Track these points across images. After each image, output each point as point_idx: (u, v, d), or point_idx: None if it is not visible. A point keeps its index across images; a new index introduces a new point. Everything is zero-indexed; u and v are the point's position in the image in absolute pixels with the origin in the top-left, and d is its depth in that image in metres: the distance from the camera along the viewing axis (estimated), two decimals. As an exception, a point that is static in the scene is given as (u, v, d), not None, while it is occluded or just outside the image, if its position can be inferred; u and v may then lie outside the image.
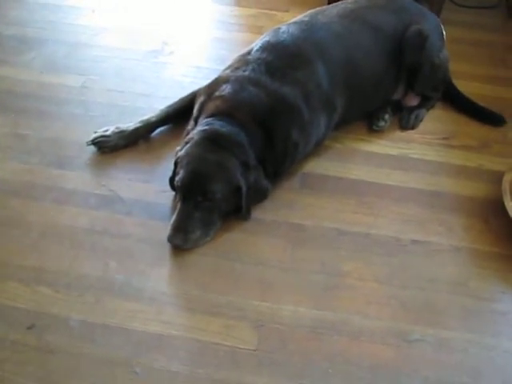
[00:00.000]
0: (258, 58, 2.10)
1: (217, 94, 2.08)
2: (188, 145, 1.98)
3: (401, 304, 1.84)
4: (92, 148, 2.26)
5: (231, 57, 2.67)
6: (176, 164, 2.00)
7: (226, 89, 2.06)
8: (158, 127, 2.32)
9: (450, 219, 2.10)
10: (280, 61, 2.09)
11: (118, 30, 2.94)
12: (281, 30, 2.19)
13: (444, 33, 2.48)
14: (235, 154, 1.94)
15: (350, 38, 2.23)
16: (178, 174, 1.96)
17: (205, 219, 1.94)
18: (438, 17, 2.85)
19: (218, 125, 1.98)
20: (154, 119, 2.30)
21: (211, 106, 2.07)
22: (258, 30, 2.91)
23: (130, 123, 2.30)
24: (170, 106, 2.34)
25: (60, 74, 2.63)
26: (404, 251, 1.99)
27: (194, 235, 1.93)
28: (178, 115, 2.33)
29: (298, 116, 2.07)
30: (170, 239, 1.91)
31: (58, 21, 2.99)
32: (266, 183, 2.05)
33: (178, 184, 1.95)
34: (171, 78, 2.64)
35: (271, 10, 3.14)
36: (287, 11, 3.11)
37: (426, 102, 2.48)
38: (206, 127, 1.99)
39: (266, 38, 2.18)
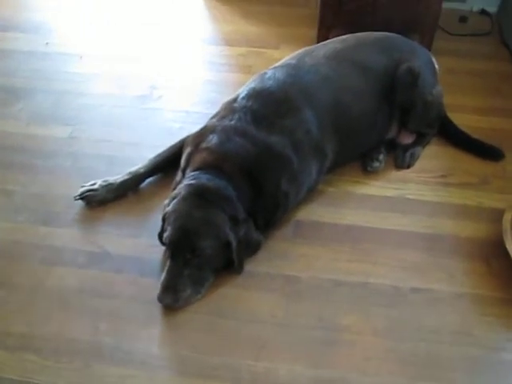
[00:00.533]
0: (244, 107, 2.05)
1: (203, 145, 2.02)
2: (175, 200, 1.93)
3: (401, 358, 1.76)
4: (80, 202, 2.20)
5: (221, 99, 2.62)
6: (164, 220, 1.94)
7: (212, 140, 2.01)
8: (146, 178, 2.27)
9: (450, 264, 2.03)
10: (266, 109, 2.04)
11: (106, 75, 2.90)
12: (266, 76, 2.15)
13: (437, 67, 2.43)
14: (223, 209, 1.88)
15: (339, 81, 2.18)
16: (166, 230, 1.90)
17: (195, 276, 1.87)
18: (430, 47, 2.82)
19: (205, 178, 1.93)
20: (142, 170, 2.24)
21: (198, 158, 2.01)
22: (248, 70, 2.87)
23: (118, 175, 2.24)
24: (158, 156, 2.29)
25: (47, 125, 2.59)
26: (403, 301, 1.92)
27: (184, 293, 1.86)
28: (167, 164, 2.28)
29: (287, 165, 2.01)
30: (160, 299, 1.84)
31: (45, 69, 2.95)
32: (257, 235, 1.99)
33: (166, 241, 1.89)
34: (160, 124, 2.59)
35: (261, 47, 3.09)
36: (277, 48, 3.06)
37: (421, 139, 2.41)
38: (193, 181, 1.93)
39: (252, 85, 2.13)
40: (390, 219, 2.17)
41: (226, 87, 2.78)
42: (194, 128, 2.45)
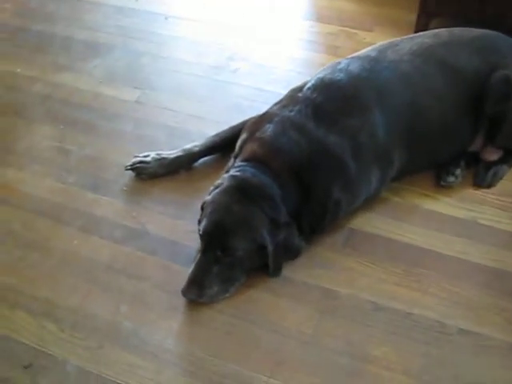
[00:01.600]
0: (308, 98, 1.88)
1: (258, 134, 1.88)
2: (216, 190, 1.81)
3: (431, 408, 1.58)
4: (130, 173, 2.15)
5: (298, 80, 2.45)
6: (202, 208, 1.84)
7: (267, 130, 1.86)
8: (201, 157, 2.17)
9: (509, 307, 1.78)
10: (331, 104, 1.86)
11: (187, 40, 2.80)
12: (339, 67, 1.94)
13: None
14: (264, 209, 1.74)
15: (419, 81, 1.93)
16: (202, 220, 1.80)
17: (225, 275, 1.77)
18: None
19: (250, 173, 1.79)
20: (197, 149, 2.14)
21: (249, 148, 1.88)
22: (335, 51, 2.66)
23: (174, 150, 2.17)
24: (216, 136, 2.17)
25: (117, 86, 2.55)
26: (447, 341, 1.71)
27: (210, 290, 1.76)
28: (224, 146, 2.16)
29: (342, 171, 1.83)
30: (184, 292, 1.76)
31: (129, 26, 2.90)
32: (298, 241, 1.84)
33: (200, 233, 1.79)
34: (230, 99, 2.46)
35: (353, 28, 2.84)
36: (371, 31, 2.80)
37: (508, 158, 2.11)
38: (238, 173, 1.81)
39: (322, 75, 1.94)
40: (455, 244, 1.94)
41: (308, 68, 2.59)
42: (264, 108, 2.30)
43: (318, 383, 1.63)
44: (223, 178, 1.85)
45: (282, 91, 2.43)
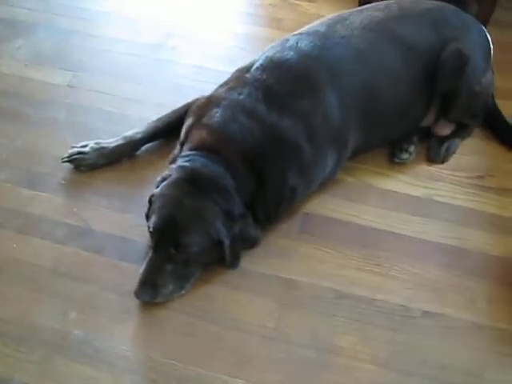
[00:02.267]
0: (257, 80, 1.76)
1: (205, 120, 1.75)
2: (164, 182, 1.69)
3: (399, 395, 1.55)
4: (68, 165, 1.98)
5: (241, 56, 2.36)
6: (150, 202, 1.71)
7: (215, 115, 1.73)
8: (143, 145, 2.02)
9: (472, 286, 1.76)
10: (282, 85, 1.75)
11: (118, 16, 2.59)
12: (288, 44, 1.83)
13: (491, 47, 2.07)
14: (217, 201, 1.64)
15: (373, 58, 1.85)
16: (151, 216, 1.67)
17: (179, 272, 1.66)
18: (488, 20, 2.41)
19: (200, 163, 1.67)
20: (139, 136, 1.99)
21: (196, 136, 1.75)
22: (277, 24, 2.54)
23: (113, 138, 2.00)
24: (158, 120, 2.02)
25: (46, 69, 2.33)
26: (412, 325, 1.68)
27: (165, 289, 1.65)
28: (168, 131, 2.02)
29: (297, 156, 1.74)
30: (137, 294, 1.64)
31: (51, 1, 2.64)
32: (254, 232, 1.75)
33: (150, 230, 1.67)
34: (169, 79, 2.30)
35: (295, -1, 2.73)
36: (313, 1, 2.66)
37: (460, 131, 2.08)
38: (187, 164, 1.69)
39: (270, 53, 1.82)
40: (413, 224, 1.90)
41: (250, 43, 2.47)
42: (207, 88, 2.17)
43: (285, 380, 1.57)
44: (171, 169, 1.72)
45: (224, 69, 2.30)
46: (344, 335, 1.65)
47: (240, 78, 1.81)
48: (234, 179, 1.67)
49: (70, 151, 1.98)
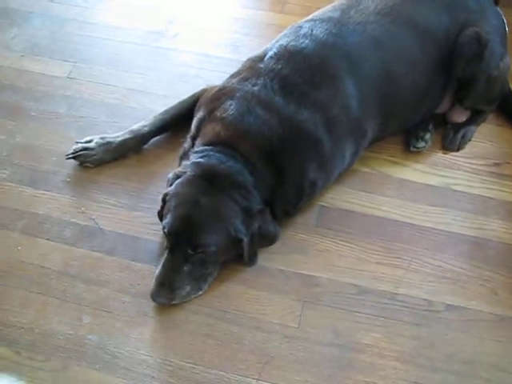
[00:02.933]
0: (272, 70, 1.69)
1: (218, 113, 1.68)
2: (179, 180, 1.62)
3: (426, 393, 1.52)
4: (72, 161, 1.90)
5: (245, 43, 2.29)
6: (164, 201, 1.64)
7: (229, 108, 1.66)
8: (151, 138, 1.94)
9: (494, 278, 1.73)
10: (298, 76, 1.68)
11: (116, 2, 2.48)
12: (302, 32, 1.75)
13: (507, 30, 2.01)
14: (235, 199, 1.58)
15: (390, 45, 1.78)
16: (166, 216, 1.61)
17: (197, 272, 1.60)
18: (499, 1, 2.35)
19: (216, 159, 1.61)
20: (146, 129, 1.92)
21: (210, 130, 1.68)
22: (281, 8, 2.45)
23: (118, 132, 1.93)
24: (165, 113, 1.95)
25: (43, 60, 2.23)
26: (436, 319, 1.64)
27: (182, 291, 1.60)
28: (176, 124, 1.95)
29: (317, 149, 1.67)
30: (154, 296, 1.58)
31: (47, -12, 2.54)
32: (273, 228, 1.69)
33: (165, 230, 1.60)
34: (173, 68, 2.22)
35: (298, -21, 2.63)
36: (316, -17, 2.60)
37: (476, 117, 2.03)
38: (202, 160, 1.62)
39: (283, 42, 1.75)
40: (431, 214, 1.85)
41: (254, 28, 2.38)
42: (212, 76, 2.11)
43: (310, 380, 1.52)
44: (185, 166, 1.65)
45: (229, 56, 2.25)
46: (368, 332, 1.61)
47: (253, 67, 1.74)
48: (251, 175, 1.61)
49: (75, 147, 1.90)
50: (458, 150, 2.00)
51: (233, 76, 1.79)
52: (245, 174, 1.60)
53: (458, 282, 1.72)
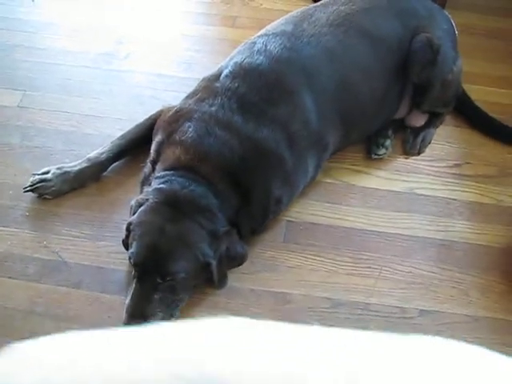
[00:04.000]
0: (228, 89, 1.66)
1: (177, 136, 1.65)
2: (142, 208, 1.58)
3: (408, 401, 1.52)
4: (30, 194, 1.84)
5: (198, 60, 2.27)
6: (128, 230, 1.60)
7: (188, 131, 1.63)
8: (109, 165, 1.90)
9: (463, 279, 1.74)
10: (255, 93, 1.66)
11: (63, 25, 2.41)
12: (256, 48, 1.73)
13: (456, 33, 2.03)
14: (200, 223, 1.54)
15: (345, 55, 1.78)
16: (131, 245, 1.56)
17: (167, 299, 1.56)
18: (445, 3, 2.39)
19: (178, 183, 1.57)
20: (104, 156, 1.87)
21: (170, 154, 1.65)
22: (233, 23, 2.42)
23: (75, 161, 1.88)
24: (122, 138, 1.90)
25: (-9, 90, 2.17)
26: (411, 326, 1.64)
27: (155, 319, 1.55)
28: (133, 148, 1.91)
29: (280, 166, 1.66)
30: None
31: (-13, 14, 2.46)
32: (241, 248, 1.66)
33: (131, 260, 1.56)
34: (127, 90, 2.17)
35: (246, -7, 2.62)
36: (266, -5, 2.60)
37: (434, 120, 2.05)
38: (163, 186, 1.58)
39: (238, 59, 1.73)
40: (397, 220, 1.86)
41: (206, 44, 2.35)
42: (167, 97, 2.09)
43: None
44: (147, 193, 1.61)
45: (183, 75, 2.23)
46: (344, 345, 1.61)
47: (209, 87, 1.71)
48: (215, 197, 1.58)
49: (32, 179, 1.84)
50: (419, 153, 2.01)
51: (189, 97, 1.77)
52: (208, 197, 1.58)
53: (430, 286, 1.73)
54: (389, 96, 1.92)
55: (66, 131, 2.04)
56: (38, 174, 1.85)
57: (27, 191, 1.83)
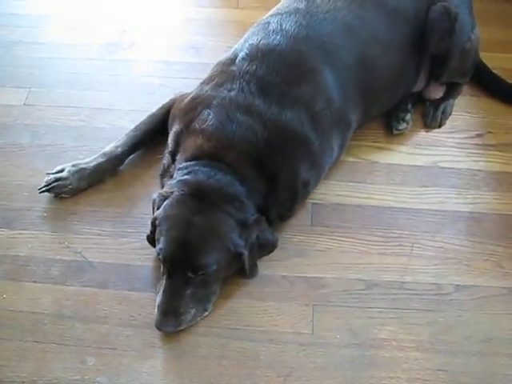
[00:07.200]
0: (246, 72, 1.61)
1: (197, 125, 1.60)
2: (167, 202, 1.53)
3: (452, 379, 1.48)
4: (46, 195, 1.79)
5: (204, 43, 2.20)
6: (154, 225, 1.56)
7: (208, 118, 1.58)
8: (125, 159, 1.85)
9: (496, 250, 1.72)
10: (275, 75, 1.61)
11: (63, 18, 2.35)
12: (271, 27, 1.68)
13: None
14: (229, 213, 1.50)
15: (362, 29, 1.73)
16: (158, 240, 1.52)
17: (200, 294, 1.52)
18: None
19: (203, 173, 1.53)
20: (119, 150, 1.81)
21: (191, 143, 1.60)
22: (236, 3, 2.37)
23: (91, 157, 1.82)
24: (136, 129, 1.85)
25: (-5, 89, 2.11)
26: (448, 302, 1.62)
27: (188, 315, 1.52)
28: (149, 139, 1.87)
29: (306, 148, 1.61)
30: (159, 326, 1.50)
31: (-20, 12, 2.39)
32: (271, 236, 1.62)
33: (160, 256, 1.51)
34: (135, 80, 2.11)
35: (248, -29, 2.54)
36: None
37: (452, 91, 2.01)
38: (188, 177, 1.53)
39: (253, 41, 1.67)
40: (424, 195, 1.83)
41: (211, 27, 2.30)
42: (177, 84, 2.03)
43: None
44: (171, 185, 1.56)
45: (191, 60, 2.17)
46: (383, 326, 1.57)
47: (225, 71, 1.66)
48: (242, 185, 1.54)
49: (46, 179, 1.79)
50: (440, 126, 1.98)
51: (204, 83, 1.71)
52: (235, 186, 1.53)
53: (463, 260, 1.70)
54: (407, 68, 1.87)
55: (76, 126, 1.99)
56: (53, 173, 1.80)
57: (43, 192, 1.78)
